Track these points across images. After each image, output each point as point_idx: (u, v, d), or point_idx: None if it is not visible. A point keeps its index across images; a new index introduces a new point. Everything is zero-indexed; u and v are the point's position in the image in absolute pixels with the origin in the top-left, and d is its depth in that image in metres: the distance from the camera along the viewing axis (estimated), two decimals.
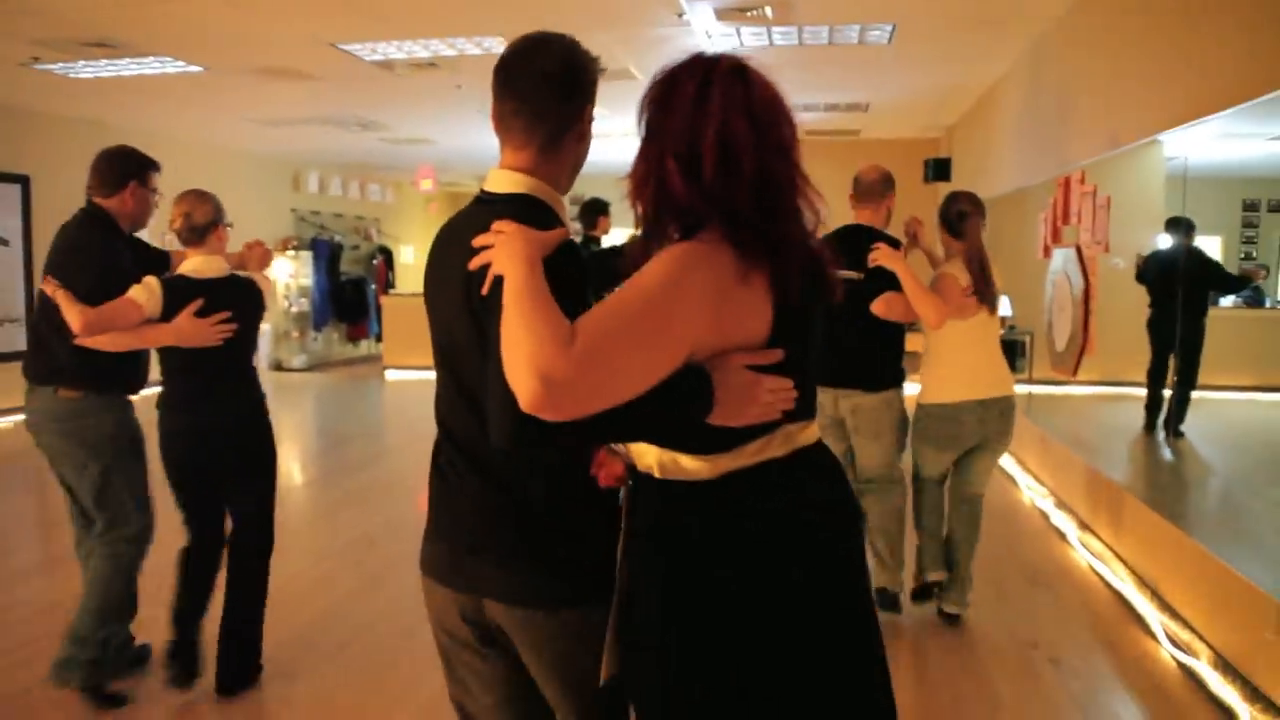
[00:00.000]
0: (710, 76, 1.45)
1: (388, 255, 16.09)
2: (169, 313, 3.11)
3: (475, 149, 12.50)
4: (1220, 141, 5.06)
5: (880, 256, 3.73)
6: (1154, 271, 5.69)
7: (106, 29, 6.38)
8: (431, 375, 1.78)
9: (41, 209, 9.45)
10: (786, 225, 1.46)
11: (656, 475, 1.49)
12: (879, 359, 3.95)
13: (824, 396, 3.90)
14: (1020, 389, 7.75)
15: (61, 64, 7.32)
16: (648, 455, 1.50)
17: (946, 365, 3.92)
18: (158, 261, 3.41)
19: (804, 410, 1.51)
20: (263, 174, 12.76)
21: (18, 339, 9.28)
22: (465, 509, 1.65)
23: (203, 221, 3.20)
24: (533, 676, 1.67)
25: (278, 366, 13.02)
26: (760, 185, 1.43)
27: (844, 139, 11.37)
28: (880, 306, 3.74)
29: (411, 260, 17.64)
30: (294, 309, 13.28)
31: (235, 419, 3.30)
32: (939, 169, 10.20)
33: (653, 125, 1.48)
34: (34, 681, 3.42)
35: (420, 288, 1.81)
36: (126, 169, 3.28)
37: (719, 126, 1.42)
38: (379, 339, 13.91)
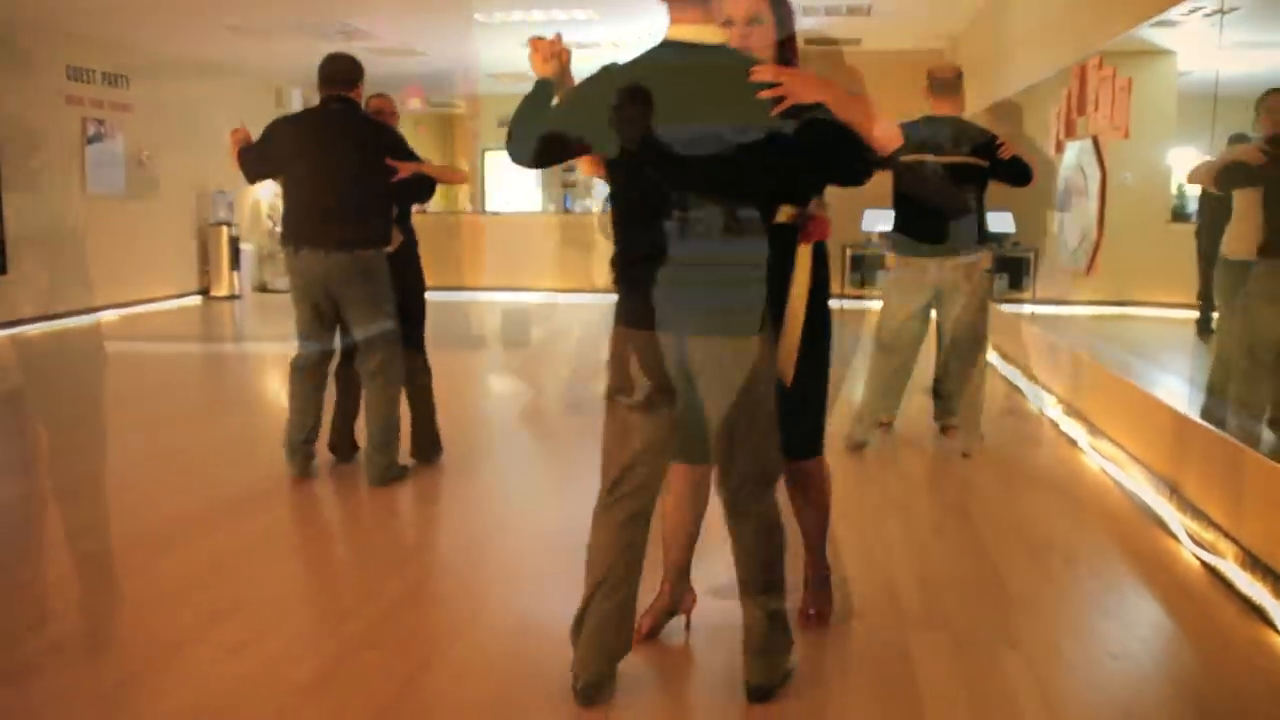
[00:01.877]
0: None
1: None
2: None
3: (467, 62, 12.01)
4: (1242, 51, 4.79)
5: (1012, 148, 4.46)
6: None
7: None
8: None
9: (4, 121, 9.07)
10: None
11: (782, 220, 2.53)
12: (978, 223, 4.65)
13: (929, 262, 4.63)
14: (1023, 309, 7.56)
15: None
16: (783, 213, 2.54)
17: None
18: None
19: None
20: (242, 92, 12.09)
21: None
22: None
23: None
24: (713, 399, 2.31)
25: (262, 288, 12.40)
26: None
27: (846, 49, 10.92)
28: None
29: None
30: (278, 229, 12.75)
31: None
32: None
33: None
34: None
35: None
36: (357, 70, 4.15)
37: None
38: None
